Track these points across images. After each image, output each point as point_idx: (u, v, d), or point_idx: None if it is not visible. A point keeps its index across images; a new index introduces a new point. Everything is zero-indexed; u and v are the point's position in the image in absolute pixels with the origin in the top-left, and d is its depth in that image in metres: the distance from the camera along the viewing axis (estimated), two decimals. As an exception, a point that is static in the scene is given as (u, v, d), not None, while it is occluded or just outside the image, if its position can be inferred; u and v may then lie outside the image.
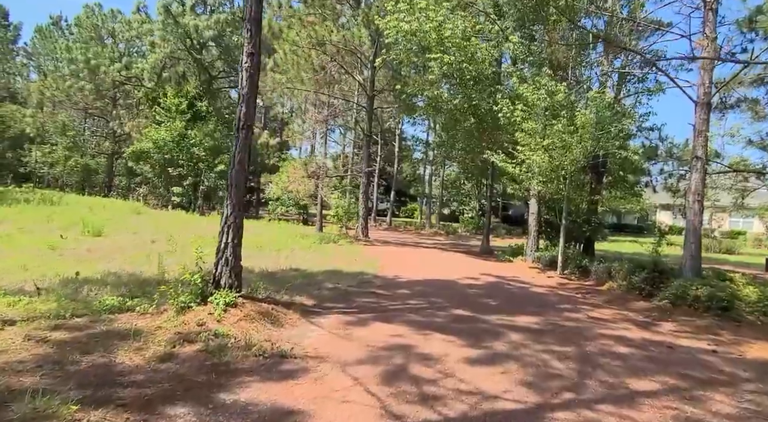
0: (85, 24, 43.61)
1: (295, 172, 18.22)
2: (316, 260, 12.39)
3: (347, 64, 19.23)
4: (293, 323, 6.09)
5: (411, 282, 10.27)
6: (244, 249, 12.18)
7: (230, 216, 6.22)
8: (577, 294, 10.34)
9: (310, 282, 9.16)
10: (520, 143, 12.57)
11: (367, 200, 19.53)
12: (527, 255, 14.93)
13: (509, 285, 11.04)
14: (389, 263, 13.30)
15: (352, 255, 14.34)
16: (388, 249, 17.50)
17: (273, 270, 10.09)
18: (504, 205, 45.85)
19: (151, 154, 30.71)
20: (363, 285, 9.41)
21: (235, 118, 6.29)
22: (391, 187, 39.85)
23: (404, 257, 15.46)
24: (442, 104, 17.35)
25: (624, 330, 7.21)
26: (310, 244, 15.96)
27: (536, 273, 13.39)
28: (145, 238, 14.26)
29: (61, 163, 41.99)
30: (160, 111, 29.97)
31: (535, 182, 12.58)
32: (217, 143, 31.65)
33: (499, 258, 16.92)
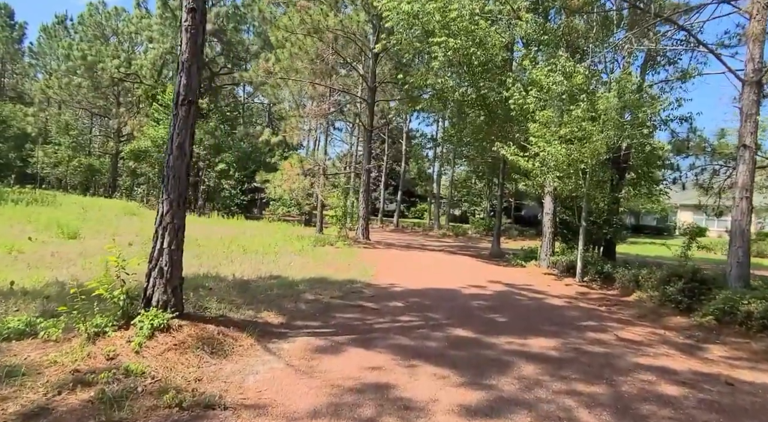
0: (89, 22, 42.99)
1: (291, 169, 16.98)
2: (304, 265, 11.11)
3: (347, 54, 17.96)
4: (243, 352, 4.78)
5: (407, 293, 8.92)
6: (226, 253, 10.86)
7: (166, 215, 4.92)
8: (601, 307, 8.89)
9: (287, 292, 7.85)
10: (532, 134, 11.15)
11: (368, 199, 18.21)
12: (541, 259, 13.48)
13: (521, 295, 9.62)
14: (386, 269, 11.96)
15: (347, 259, 13.03)
16: (388, 253, 16.16)
17: (249, 278, 8.82)
18: (516, 205, 44.26)
19: (150, 152, 29.80)
20: (349, 297, 8.07)
21: (173, 91, 5.02)
22: (399, 186, 38.47)
23: (405, 261, 14.10)
24: (447, 95, 15.98)
25: (665, 357, 5.78)
26: (303, 247, 14.69)
27: (552, 280, 11.94)
28: (124, 241, 13.11)
29: (64, 163, 41.40)
30: (158, 108, 29.00)
31: (551, 178, 11.14)
32: (217, 141, 30.64)
33: (511, 262, 15.48)
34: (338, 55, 16.60)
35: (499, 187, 19.52)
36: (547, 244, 13.22)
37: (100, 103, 42.91)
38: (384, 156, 39.26)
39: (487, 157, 25.22)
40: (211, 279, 8.39)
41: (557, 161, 10.50)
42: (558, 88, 10.20)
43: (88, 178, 44.03)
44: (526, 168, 11.31)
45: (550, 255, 13.15)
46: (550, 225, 13.22)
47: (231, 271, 9.36)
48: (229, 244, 13.69)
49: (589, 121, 9.93)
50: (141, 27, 30.61)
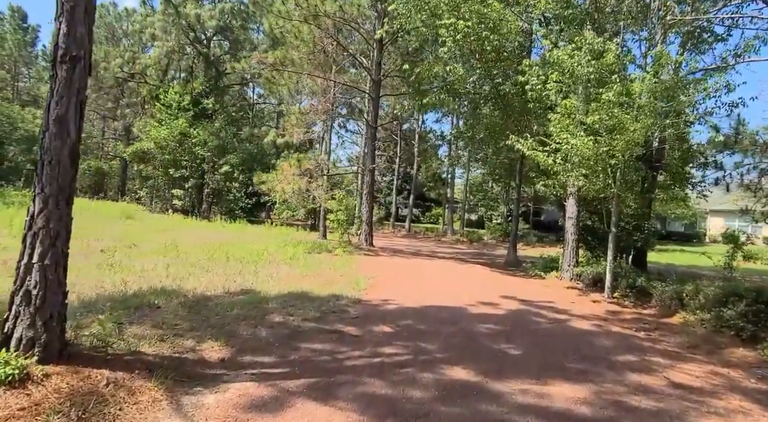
0: (99, 24, 42.64)
1: (288, 170, 15.63)
2: (288, 276, 9.68)
3: (349, 44, 16.57)
4: (136, 415, 3.34)
5: (400, 312, 7.40)
6: (205, 262, 9.34)
7: (38, 217, 3.52)
8: (639, 332, 7.25)
9: (251, 313, 6.42)
10: (553, 126, 9.57)
11: (372, 202, 16.76)
12: (564, 270, 11.81)
13: (540, 315, 8.02)
14: (384, 280, 10.45)
15: (342, 268, 11.56)
16: (392, 261, 14.64)
17: (214, 294, 7.43)
18: (535, 209, 42.35)
19: (153, 154, 28.90)
20: (327, 319, 6.59)
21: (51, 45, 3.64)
22: (411, 190, 36.96)
23: (408, 271, 12.57)
24: (458, 86, 14.47)
25: (741, 415, 4.18)
26: (296, 254, 13.28)
27: (576, 295, 10.28)
28: (98, 246, 11.92)
29: (72, 165, 40.83)
30: (161, 108, 28.07)
31: (574, 176, 9.51)
32: (222, 143, 29.60)
33: (528, 272, 13.84)
34: (339, 45, 15.19)
35: (516, 190, 17.90)
36: (570, 253, 11.55)
37: (109, 105, 42.49)
38: (396, 158, 37.84)
39: (502, 158, 23.60)
40: (167, 295, 7.02)
41: (582, 156, 8.89)
42: (584, 70, 8.60)
43: (97, 181, 43.58)
44: (546, 165, 9.71)
45: (573, 266, 11.49)
46: (573, 231, 11.56)
47: (198, 284, 8.00)
48: (214, 252, 12.38)
49: (620, 107, 8.32)
50: (145, 25, 29.77)
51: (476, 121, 16.28)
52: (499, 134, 15.65)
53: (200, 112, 29.21)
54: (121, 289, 7.15)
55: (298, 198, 16.36)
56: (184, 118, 27.86)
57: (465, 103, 15.87)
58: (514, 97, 14.80)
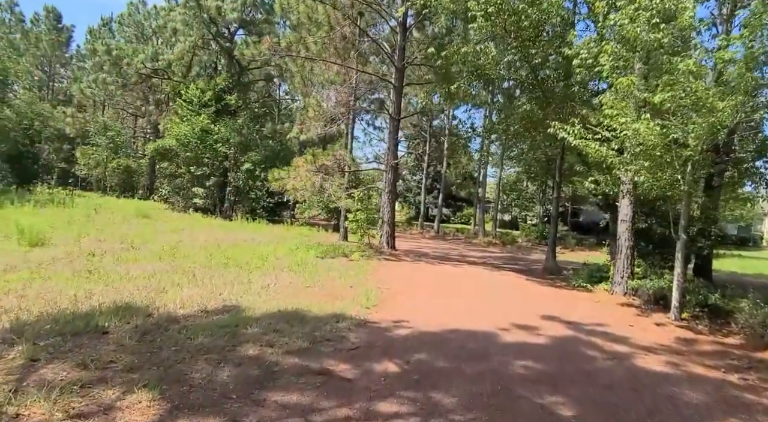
0: (128, 22, 42.65)
1: (302, 166, 14.31)
2: (287, 288, 8.29)
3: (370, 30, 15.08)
4: None
5: (413, 340, 5.86)
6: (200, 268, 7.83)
7: None
8: (731, 375, 5.49)
9: (221, 342, 5.03)
10: (607, 107, 7.83)
11: (394, 201, 15.24)
12: (616, 283, 9.97)
13: (593, 347, 6.33)
14: (401, 292, 8.92)
15: (354, 277, 10.08)
16: (413, 268, 13.06)
17: (187, 313, 6.09)
18: (573, 210, 39.93)
19: (175, 151, 28.21)
20: (317, 351, 5.12)
21: None
22: (441, 189, 35.23)
23: (430, 280, 10.97)
24: (489, 71, 12.79)
25: None
26: (305, 259, 11.91)
27: (634, 315, 8.48)
28: (94, 248, 10.88)
29: (101, 164, 41.03)
30: (182, 103, 27.31)
31: (633, 170, 7.72)
32: (244, 139, 28.67)
33: (571, 282, 12.04)
34: (357, 28, 13.67)
35: (555, 188, 16.06)
36: (624, 263, 9.71)
37: (138, 104, 42.40)
38: (425, 156, 36.17)
39: (539, 154, 21.70)
40: (128, 314, 5.72)
41: (646, 145, 7.12)
42: (650, 36, 6.83)
43: (126, 180, 43.58)
44: (599, 157, 7.97)
45: (628, 278, 9.65)
46: (627, 236, 9.69)
47: (175, 298, 6.69)
48: (216, 256, 11.16)
49: (702, 82, 6.54)
50: (168, 20, 29.09)
51: (510, 111, 14.56)
52: (537, 125, 13.92)
53: (223, 108, 28.33)
54: (75, 306, 5.90)
55: (313, 196, 15.00)
56: (205, 114, 27.05)
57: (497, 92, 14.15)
58: (555, 82, 13.07)
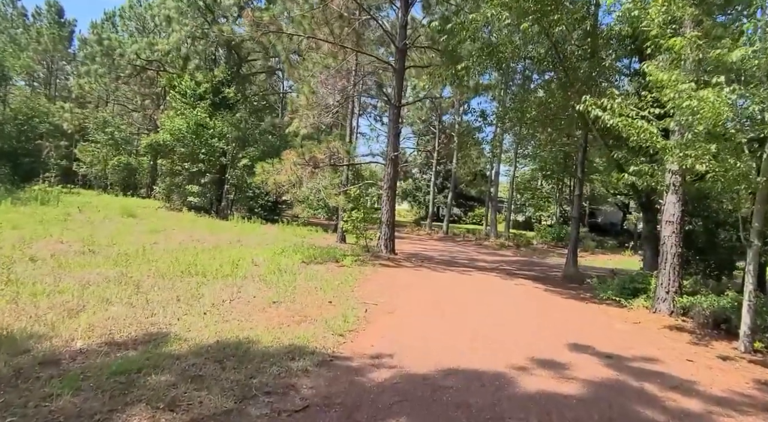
0: (129, 15, 41.42)
1: (288, 156, 12.63)
2: (245, 306, 6.60)
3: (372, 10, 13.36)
4: None
5: (391, 392, 4.10)
6: (149, 278, 5.84)
7: None
8: None
9: (100, 402, 3.36)
10: (654, 76, 6.03)
11: (393, 199, 13.49)
12: (659, 299, 8.09)
13: (647, 399, 4.51)
14: (389, 312, 7.16)
15: (338, 288, 8.37)
16: (412, 276, 11.29)
17: (87, 346, 4.45)
18: (590, 210, 37.85)
19: (169, 146, 26.75)
20: (241, 415, 3.43)
21: None
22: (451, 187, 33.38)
23: (430, 293, 9.19)
24: (503, 49, 11.01)
25: None
26: (287, 266, 10.23)
27: (688, 343, 6.63)
28: (50, 250, 9.38)
29: (101, 161, 39.85)
30: (175, 96, 25.84)
31: (694, 155, 5.89)
32: (243, 134, 27.14)
33: (599, 294, 10.21)
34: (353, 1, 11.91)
35: (577, 185, 14.19)
36: (671, 274, 7.84)
37: (138, 99, 41.17)
38: (434, 153, 34.35)
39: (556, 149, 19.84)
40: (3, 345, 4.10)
41: (716, 122, 5.30)
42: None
43: (127, 178, 42.34)
44: (646, 139, 6.15)
45: (675, 293, 7.80)
46: (675, 241, 7.80)
47: (87, 322, 5.07)
48: (182, 260, 9.56)
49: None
50: (163, 7, 27.58)
51: (525, 95, 12.76)
52: (557, 111, 12.11)
53: (220, 101, 26.85)
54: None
55: (298, 192, 13.30)
56: (201, 107, 25.57)
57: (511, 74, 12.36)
58: (580, 60, 11.24)
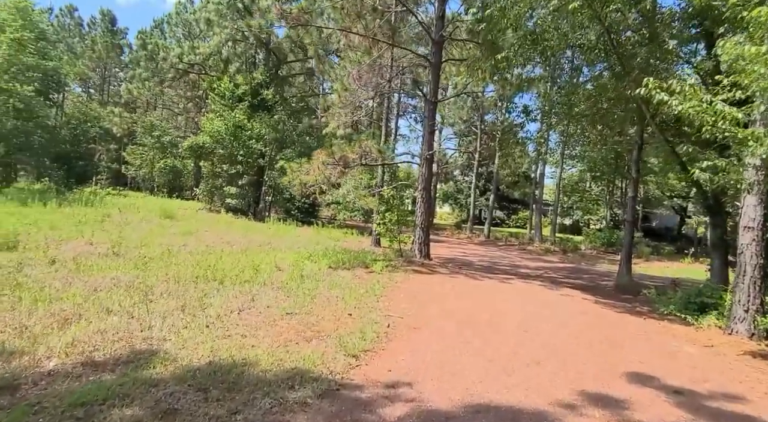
0: (176, 21, 42.43)
1: (318, 156, 12.05)
2: (254, 318, 5.98)
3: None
4: None
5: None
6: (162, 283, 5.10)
7: None
8: None
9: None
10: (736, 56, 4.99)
11: (428, 201, 12.66)
12: (736, 318, 6.87)
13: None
14: (414, 327, 6.35)
15: (361, 298, 7.63)
16: (446, 285, 10.40)
17: (60, 367, 3.92)
18: (644, 213, 35.54)
19: (209, 148, 26.94)
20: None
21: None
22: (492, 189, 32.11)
23: (464, 306, 8.28)
24: (548, 36, 10.02)
25: None
26: (312, 272, 9.61)
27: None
28: (74, 252, 9.21)
29: (148, 164, 40.99)
30: (215, 98, 25.97)
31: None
32: (280, 135, 26.99)
33: (658, 308, 9.02)
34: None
35: (632, 186, 12.91)
36: (751, 289, 6.61)
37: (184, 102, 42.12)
38: (476, 154, 33.19)
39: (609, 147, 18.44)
40: None
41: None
42: None
43: (172, 180, 43.35)
44: (721, 128, 5.10)
45: (757, 313, 6.60)
46: (756, 250, 6.56)
47: (73, 335, 4.57)
48: (203, 264, 9.13)
49: None
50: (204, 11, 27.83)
51: (573, 87, 11.67)
52: (611, 104, 10.98)
53: (259, 103, 26.82)
54: None
55: (313, 191, 12.66)
56: (240, 109, 25.60)
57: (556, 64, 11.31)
58: (637, 46, 10.10)
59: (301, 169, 12.08)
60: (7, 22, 23.95)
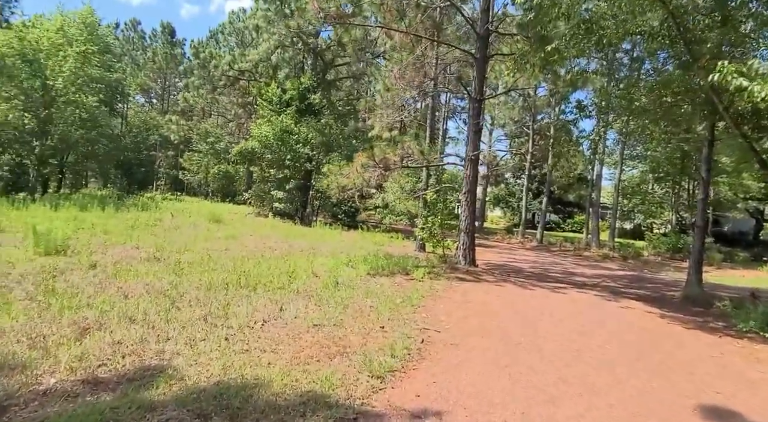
0: (229, 30, 43.73)
1: (358, 158, 11.69)
2: (281, 329, 5.62)
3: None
4: None
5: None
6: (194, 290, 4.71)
7: None
8: None
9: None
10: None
11: (473, 205, 11.98)
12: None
13: None
14: (455, 342, 5.76)
15: (397, 309, 7.12)
16: (492, 293, 9.69)
17: (59, 385, 3.67)
18: (715, 217, 32.88)
19: (258, 153, 27.37)
20: None
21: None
22: (545, 192, 30.73)
23: (510, 318, 7.55)
24: (606, 22, 9.18)
25: None
26: (350, 278, 9.21)
27: None
28: (120, 257, 9.32)
29: (203, 170, 42.40)
30: (263, 104, 26.35)
31: None
32: (326, 139, 27.00)
33: (735, 324, 7.96)
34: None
35: (702, 187, 11.67)
36: None
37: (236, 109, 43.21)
38: (527, 155, 31.91)
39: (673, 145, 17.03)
40: None
41: None
42: None
43: (225, 185, 44.65)
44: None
45: None
46: None
47: (88, 347, 4.37)
48: (239, 269, 8.97)
49: None
50: (254, 18, 28.36)
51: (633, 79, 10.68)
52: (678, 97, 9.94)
53: (306, 108, 26.99)
54: None
55: (352, 194, 12.27)
56: (287, 114, 25.84)
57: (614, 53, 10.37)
58: (707, 30, 9.07)
59: (340, 171, 11.76)
60: (75, 36, 25.25)
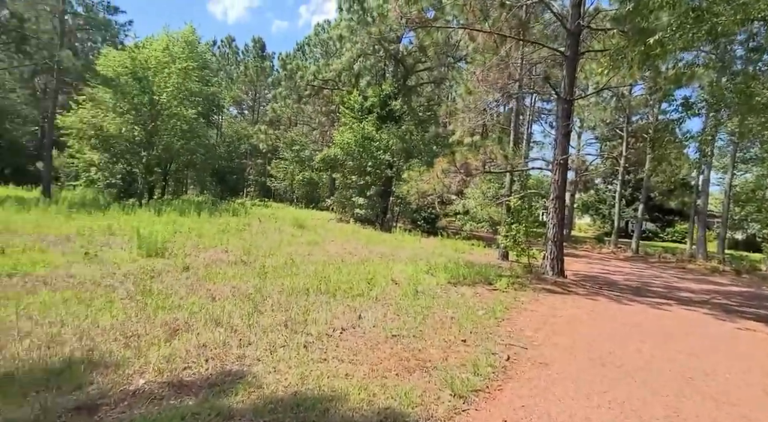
0: (314, 42, 45.38)
1: (438, 164, 11.39)
2: (359, 339, 5.49)
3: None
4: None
5: None
6: (276, 294, 5.17)
7: None
8: None
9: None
10: None
11: (562, 212, 11.19)
12: None
13: None
14: (544, 361, 5.27)
15: (479, 321, 6.73)
16: (584, 308, 8.91)
17: (146, 386, 3.79)
18: None
19: (340, 160, 27.99)
20: None
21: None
22: (640, 198, 28.43)
23: (605, 336, 6.81)
24: (715, 5, 8.20)
25: None
26: (430, 287, 8.95)
27: None
28: (211, 261, 9.83)
29: (288, 177, 44.24)
30: (345, 111, 26.90)
31: None
32: (407, 146, 27.01)
33: None
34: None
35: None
36: None
37: (320, 118, 44.66)
38: (621, 159, 29.77)
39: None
40: (68, 377, 3.65)
41: None
42: None
43: (309, 192, 46.25)
44: None
45: None
46: None
47: (174, 349, 4.52)
48: (320, 274, 9.06)
49: None
50: (338, 29, 29.13)
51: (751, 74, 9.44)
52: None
53: (387, 114, 27.21)
54: (30, 354, 4.07)
55: (430, 201, 11.89)
56: (368, 121, 26.20)
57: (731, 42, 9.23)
58: None
59: (420, 177, 11.56)
60: (177, 54, 27.42)
